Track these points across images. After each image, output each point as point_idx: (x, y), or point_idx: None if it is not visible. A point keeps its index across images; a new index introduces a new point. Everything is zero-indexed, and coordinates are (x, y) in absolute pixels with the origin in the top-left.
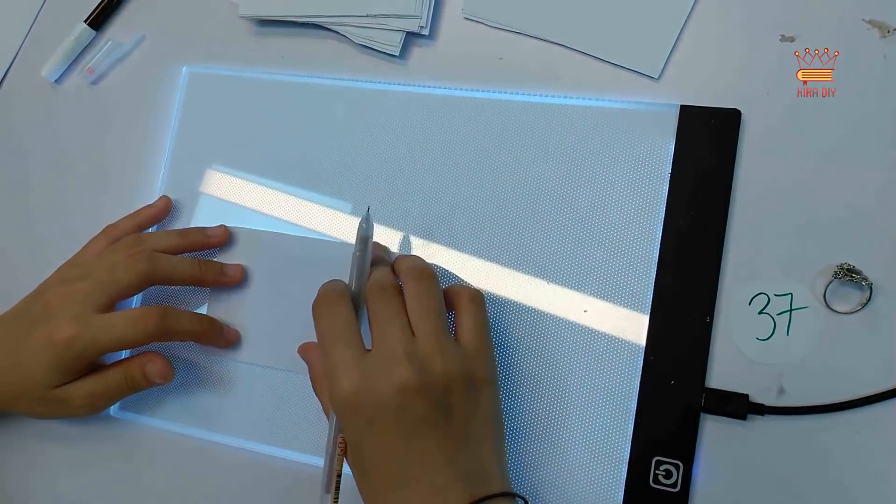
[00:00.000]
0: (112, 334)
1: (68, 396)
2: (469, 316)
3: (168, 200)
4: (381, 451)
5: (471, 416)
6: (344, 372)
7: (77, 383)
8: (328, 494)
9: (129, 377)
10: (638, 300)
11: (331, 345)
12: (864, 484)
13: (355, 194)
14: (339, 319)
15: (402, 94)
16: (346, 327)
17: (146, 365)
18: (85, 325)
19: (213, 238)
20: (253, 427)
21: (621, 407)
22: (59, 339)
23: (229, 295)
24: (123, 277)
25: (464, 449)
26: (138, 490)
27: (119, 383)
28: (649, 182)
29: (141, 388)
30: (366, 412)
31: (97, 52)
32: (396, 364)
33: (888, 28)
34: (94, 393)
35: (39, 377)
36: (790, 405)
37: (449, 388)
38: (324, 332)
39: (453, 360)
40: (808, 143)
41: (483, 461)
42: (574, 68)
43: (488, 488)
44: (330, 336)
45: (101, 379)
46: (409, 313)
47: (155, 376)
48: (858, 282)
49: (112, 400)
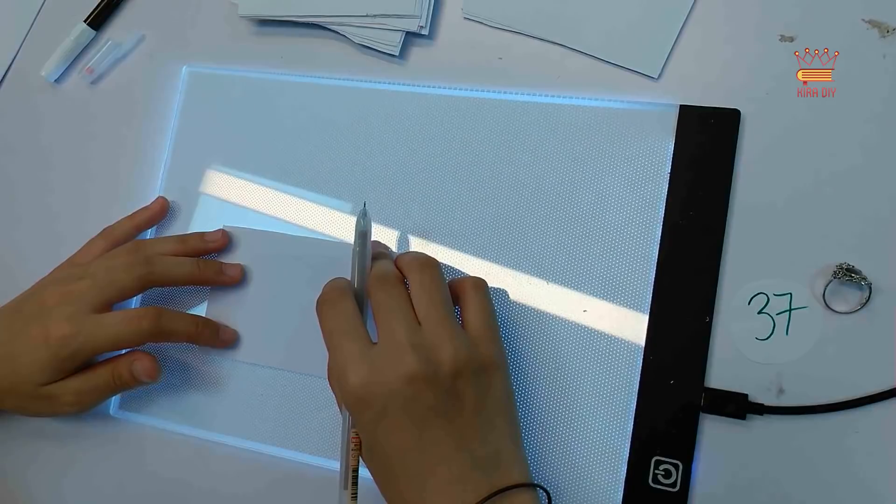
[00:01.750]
0: (107, 334)
1: (57, 394)
2: (473, 303)
3: (165, 201)
4: (395, 445)
5: (482, 402)
6: (351, 366)
7: (66, 381)
8: (346, 490)
9: (117, 376)
10: (637, 300)
11: (337, 341)
12: (863, 483)
13: (355, 194)
14: (343, 315)
15: (402, 94)
16: (350, 322)
17: (133, 363)
18: (80, 324)
19: (212, 243)
20: (253, 427)
21: (621, 406)
22: (54, 338)
23: (229, 294)
24: (121, 279)
25: (479, 437)
26: (138, 489)
27: (107, 381)
28: (649, 182)
29: (129, 386)
30: (376, 405)
31: (97, 52)
32: (403, 354)
33: (888, 28)
34: (81, 391)
35: (31, 374)
36: (789, 405)
37: (458, 376)
38: (329, 329)
39: (460, 346)
40: (807, 143)
41: (500, 449)
42: (574, 68)
43: (507, 478)
44: (335, 333)
45: (90, 377)
46: (413, 303)
47: (142, 374)
48: (858, 281)
49: (100, 398)
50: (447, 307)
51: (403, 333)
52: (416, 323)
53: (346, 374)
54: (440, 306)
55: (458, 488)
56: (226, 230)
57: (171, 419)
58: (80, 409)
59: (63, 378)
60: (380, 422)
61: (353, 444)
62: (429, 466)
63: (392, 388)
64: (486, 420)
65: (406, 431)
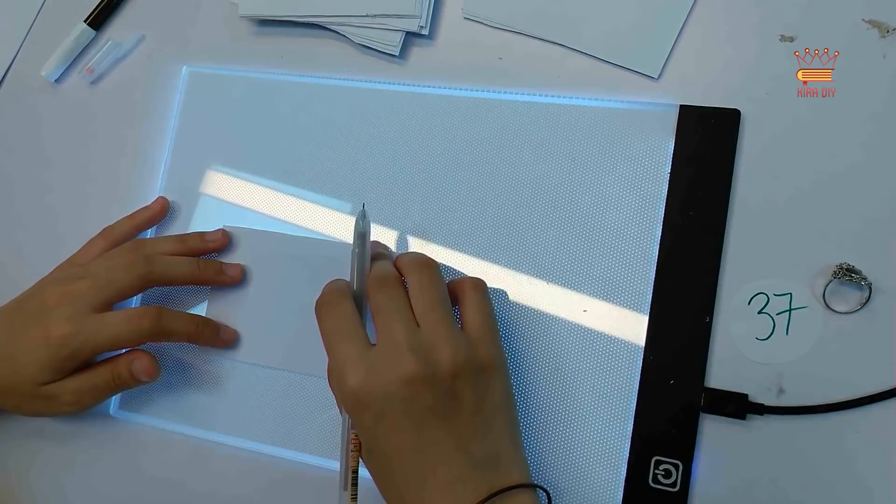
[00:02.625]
0: (107, 334)
1: (57, 393)
2: (472, 303)
3: (165, 202)
4: (394, 446)
5: (481, 402)
6: (350, 368)
7: (66, 381)
8: (346, 491)
9: (116, 375)
10: (637, 300)
11: (336, 343)
12: (863, 483)
13: (355, 194)
14: (342, 317)
15: (402, 93)
16: (349, 324)
17: (133, 363)
18: (80, 324)
19: (211, 243)
20: (253, 427)
21: (621, 406)
22: (55, 337)
23: (229, 294)
24: (121, 278)
25: (478, 437)
26: (138, 489)
27: (106, 381)
28: (649, 182)
29: (128, 385)
30: (374, 406)
31: (97, 52)
32: (401, 356)
33: (888, 28)
34: (81, 390)
35: (31, 374)
36: (789, 405)
37: (456, 376)
38: (328, 331)
39: (459, 347)
40: (807, 143)
41: (499, 450)
42: (574, 68)
43: (506, 478)
44: (334, 334)
45: (89, 377)
46: (412, 305)
47: (141, 374)
48: (858, 281)
49: (99, 398)
50: (446, 308)
51: (402, 334)
52: (415, 324)
53: (345, 376)
54: (438, 307)
55: (458, 488)
56: (226, 230)
57: (170, 419)
58: (79, 409)
59: (63, 378)
60: (378, 423)
61: (353, 445)
62: (428, 467)
63: (390, 390)
64: (485, 421)
65: (405, 432)
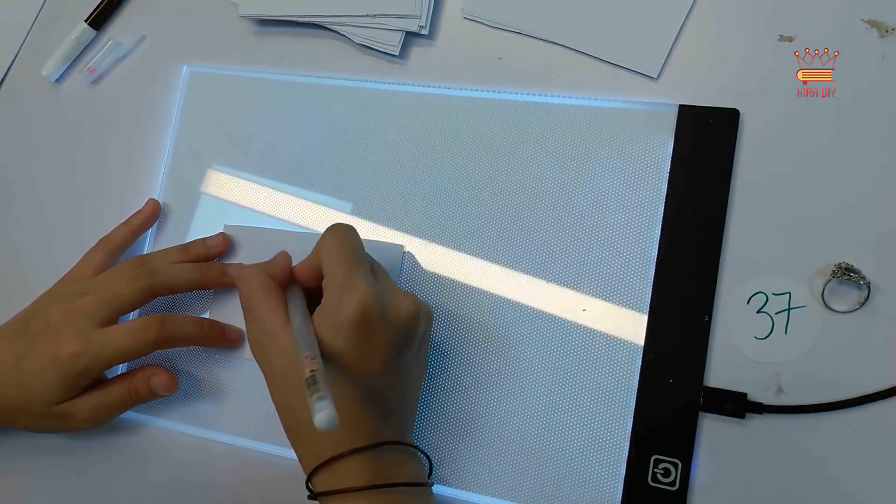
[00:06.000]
0: (115, 348)
1: (71, 412)
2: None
3: (156, 203)
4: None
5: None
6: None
7: (81, 398)
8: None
9: (134, 390)
10: (637, 299)
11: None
12: (861, 483)
13: (355, 194)
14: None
15: (402, 93)
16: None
17: (152, 378)
18: (88, 340)
19: (214, 248)
20: (257, 426)
21: (620, 405)
22: (64, 356)
23: (232, 295)
24: (125, 292)
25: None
26: (139, 489)
27: (123, 397)
28: (648, 181)
29: (145, 400)
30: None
31: (97, 52)
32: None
33: (887, 28)
34: (97, 407)
35: (43, 394)
36: (788, 404)
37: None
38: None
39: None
40: (807, 143)
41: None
42: (573, 68)
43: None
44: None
45: (105, 393)
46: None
47: (161, 389)
48: (856, 281)
49: (115, 413)
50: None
51: (362, 282)
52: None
53: (350, 299)
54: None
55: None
56: (226, 231)
57: (173, 419)
58: (94, 426)
59: (75, 395)
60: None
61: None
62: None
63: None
64: (407, 376)
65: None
